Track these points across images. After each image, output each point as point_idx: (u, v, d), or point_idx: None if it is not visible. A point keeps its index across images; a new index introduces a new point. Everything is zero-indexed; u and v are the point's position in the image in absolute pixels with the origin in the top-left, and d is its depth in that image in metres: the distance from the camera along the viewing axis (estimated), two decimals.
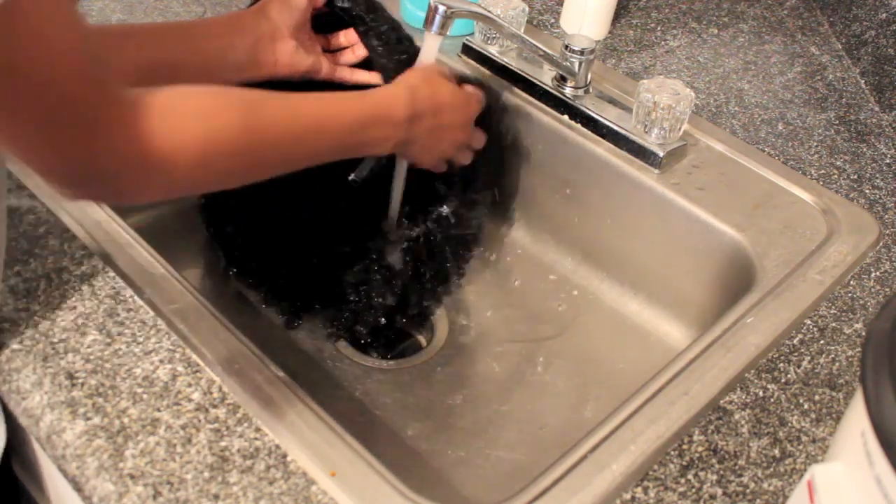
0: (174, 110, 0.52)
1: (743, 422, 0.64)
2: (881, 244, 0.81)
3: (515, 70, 0.95)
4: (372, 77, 0.82)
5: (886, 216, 0.84)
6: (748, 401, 0.66)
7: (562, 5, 1.06)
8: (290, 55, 0.77)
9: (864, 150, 0.93)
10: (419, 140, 0.73)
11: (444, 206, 0.82)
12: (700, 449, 0.62)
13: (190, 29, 0.75)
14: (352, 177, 0.82)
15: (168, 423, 0.59)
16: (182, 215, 0.89)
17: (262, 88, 0.61)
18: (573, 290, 0.94)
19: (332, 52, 0.83)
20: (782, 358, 0.70)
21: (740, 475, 0.61)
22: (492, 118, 0.97)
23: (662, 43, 1.06)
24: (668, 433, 0.63)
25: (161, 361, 0.63)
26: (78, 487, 0.58)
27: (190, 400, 0.61)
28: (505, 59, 0.96)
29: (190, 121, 0.53)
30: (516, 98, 0.95)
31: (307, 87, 0.71)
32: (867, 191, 0.87)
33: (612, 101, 0.91)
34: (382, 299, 0.82)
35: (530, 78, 0.94)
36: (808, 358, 0.70)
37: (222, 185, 0.62)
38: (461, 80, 0.81)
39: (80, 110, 0.47)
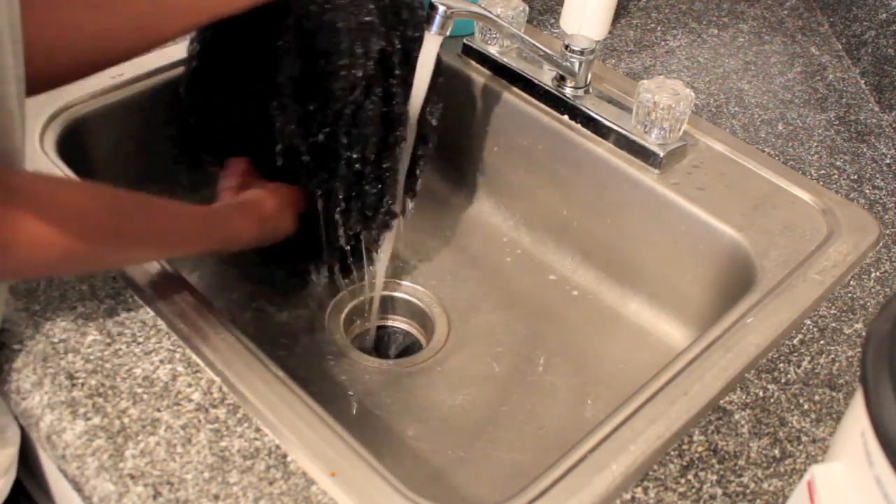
0: (51, 206, 0.53)
1: (743, 422, 0.64)
2: (881, 244, 0.81)
3: (515, 70, 0.95)
4: None
5: (886, 216, 0.84)
6: (748, 401, 0.66)
7: (562, 5, 1.06)
8: None
9: (864, 150, 0.93)
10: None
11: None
12: (700, 449, 0.62)
13: None
14: None
15: (168, 423, 0.59)
16: None
17: None
18: (573, 290, 0.94)
19: None
20: (782, 358, 0.70)
21: (740, 475, 0.61)
22: (492, 118, 0.98)
23: (662, 43, 1.06)
24: (668, 433, 0.63)
25: (161, 361, 0.63)
26: (78, 488, 0.58)
27: (190, 400, 0.61)
28: (505, 59, 0.96)
29: (65, 219, 0.54)
30: (516, 98, 0.95)
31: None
32: (867, 191, 0.87)
33: (612, 101, 0.91)
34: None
35: (530, 78, 0.94)
36: (808, 358, 0.70)
37: (77, 271, 0.65)
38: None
39: None
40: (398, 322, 0.94)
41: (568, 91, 0.92)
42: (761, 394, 0.67)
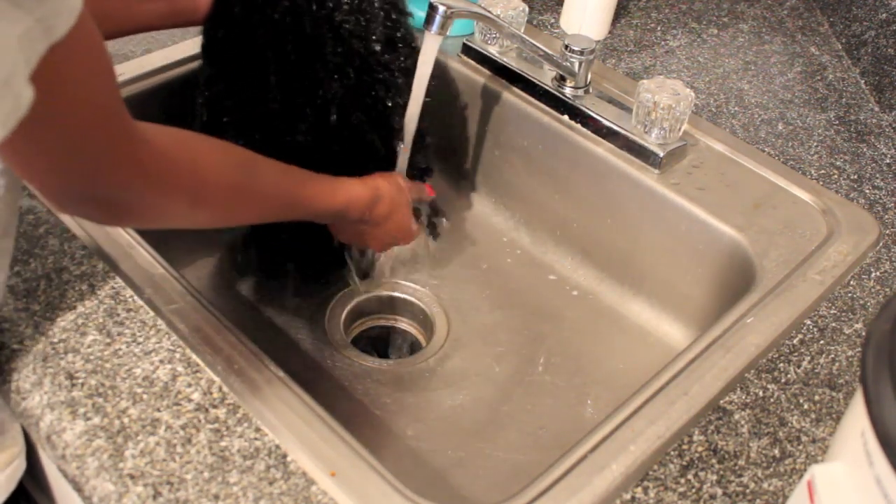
0: (179, 155, 0.56)
1: (743, 422, 0.64)
2: (881, 244, 0.81)
3: (515, 70, 0.95)
4: None
5: (886, 216, 0.84)
6: (748, 401, 0.66)
7: (562, 5, 1.06)
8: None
9: (864, 150, 0.93)
10: (349, 233, 0.79)
11: None
12: (700, 449, 0.62)
13: None
14: None
15: (168, 423, 0.59)
16: None
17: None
18: (573, 290, 0.94)
19: None
20: (782, 358, 0.70)
21: (740, 475, 0.61)
22: (492, 118, 0.98)
23: (662, 43, 1.06)
24: (668, 433, 0.63)
25: (161, 361, 0.63)
26: (78, 488, 0.58)
27: (190, 400, 0.61)
28: (505, 59, 0.96)
29: (189, 168, 0.56)
30: (516, 98, 0.95)
31: None
32: (867, 191, 0.87)
33: (612, 101, 0.91)
34: None
35: (530, 78, 0.94)
36: (808, 358, 0.70)
37: (202, 226, 0.66)
38: (415, 210, 0.84)
39: (98, 142, 0.48)
40: (398, 322, 0.94)
41: (568, 91, 0.92)
42: (761, 394, 0.67)
